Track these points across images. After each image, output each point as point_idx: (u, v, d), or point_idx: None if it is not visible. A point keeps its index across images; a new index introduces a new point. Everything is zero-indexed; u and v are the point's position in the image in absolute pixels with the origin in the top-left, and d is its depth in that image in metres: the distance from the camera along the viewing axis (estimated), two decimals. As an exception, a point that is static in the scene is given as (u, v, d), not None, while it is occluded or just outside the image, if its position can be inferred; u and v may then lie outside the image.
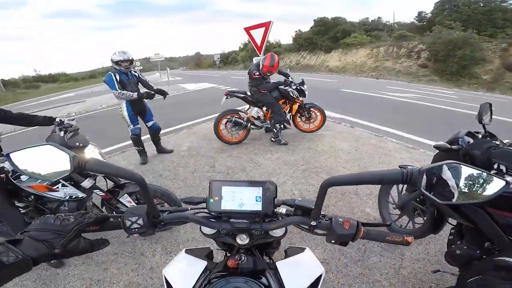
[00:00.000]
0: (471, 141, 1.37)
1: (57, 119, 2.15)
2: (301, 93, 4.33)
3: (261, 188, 0.69)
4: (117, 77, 3.34)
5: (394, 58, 20.46)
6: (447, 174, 0.53)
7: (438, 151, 1.53)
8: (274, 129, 4.21)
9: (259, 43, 4.97)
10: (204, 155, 4.06)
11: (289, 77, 4.35)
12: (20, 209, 1.94)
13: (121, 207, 2.14)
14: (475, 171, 0.53)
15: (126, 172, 0.63)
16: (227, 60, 44.19)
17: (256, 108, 4.27)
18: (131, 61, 3.41)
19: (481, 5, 20.66)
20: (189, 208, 0.76)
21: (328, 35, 26.04)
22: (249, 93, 4.22)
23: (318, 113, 4.62)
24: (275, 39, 34.92)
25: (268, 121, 4.30)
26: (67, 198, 1.91)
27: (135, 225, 0.66)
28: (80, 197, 1.94)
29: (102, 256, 2.14)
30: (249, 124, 4.23)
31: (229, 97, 4.17)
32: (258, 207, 0.68)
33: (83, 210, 2.01)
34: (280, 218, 0.73)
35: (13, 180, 1.78)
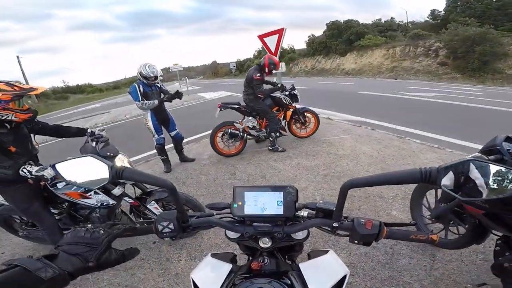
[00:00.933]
0: None
1: (89, 130, 2.26)
2: (294, 98, 4.33)
3: (282, 192, 0.72)
4: (141, 88, 3.47)
5: (411, 57, 19.87)
6: (474, 173, 0.53)
7: None
8: (270, 138, 4.21)
9: (273, 50, 5.05)
10: (224, 162, 4.14)
11: (278, 85, 4.38)
12: (55, 215, 2.06)
13: (149, 214, 2.23)
14: (503, 168, 0.51)
15: (158, 180, 0.69)
16: (242, 68, 44.96)
17: (250, 118, 4.26)
18: (157, 77, 3.56)
19: (494, 0, 19.80)
20: (214, 214, 0.80)
21: (341, 38, 25.78)
22: (243, 103, 4.24)
23: (312, 117, 4.62)
24: (288, 45, 35.08)
25: (264, 130, 4.29)
26: (98, 205, 2.00)
27: (166, 229, 0.71)
28: (110, 204, 2.03)
29: (130, 262, 2.18)
30: (245, 134, 4.20)
31: (223, 109, 4.19)
32: (279, 211, 0.71)
33: (113, 218, 2.10)
34: (302, 221, 0.75)
35: (50, 188, 1.90)
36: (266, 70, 3.98)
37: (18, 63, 25.81)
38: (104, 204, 2.02)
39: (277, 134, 4.24)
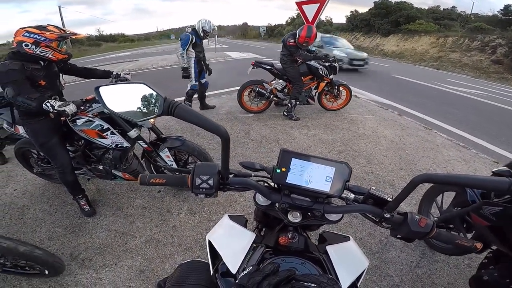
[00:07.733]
0: None
1: (114, 73, 2.29)
2: (333, 69, 4.16)
3: (334, 168, 0.64)
4: (194, 39, 3.74)
5: (463, 50, 18.01)
6: None
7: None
8: (289, 104, 4.17)
9: (310, 19, 4.68)
10: (240, 120, 4.14)
11: (316, 53, 4.19)
12: (70, 153, 2.08)
13: (159, 161, 2.21)
14: None
15: (212, 125, 0.59)
16: (272, 33, 44.04)
17: (280, 81, 4.22)
18: (210, 33, 3.89)
19: None
20: (252, 174, 0.73)
21: (388, 18, 23.77)
22: (278, 64, 4.19)
23: (345, 92, 4.51)
24: (326, 17, 33.01)
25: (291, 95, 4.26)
26: (113, 146, 1.98)
27: (204, 185, 0.62)
28: (125, 146, 2.00)
29: (131, 209, 2.24)
30: (271, 95, 4.24)
31: (255, 67, 4.21)
32: (326, 187, 0.64)
33: (125, 161, 2.11)
34: (346, 203, 0.70)
35: (70, 124, 1.91)
36: (295, 41, 3.83)
37: (60, 13, 26.39)
38: (119, 145, 1.98)
39: (297, 102, 4.19)
